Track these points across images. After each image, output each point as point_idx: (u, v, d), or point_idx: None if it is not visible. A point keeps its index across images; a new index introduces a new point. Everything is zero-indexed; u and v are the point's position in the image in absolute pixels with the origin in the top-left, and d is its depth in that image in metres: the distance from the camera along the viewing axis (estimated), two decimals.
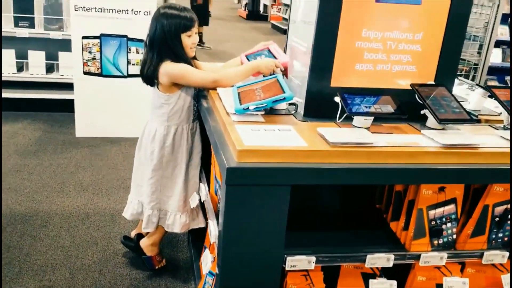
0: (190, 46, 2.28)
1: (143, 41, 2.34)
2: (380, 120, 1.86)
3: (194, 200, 2.38)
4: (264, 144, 1.57)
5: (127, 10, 4.26)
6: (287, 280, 1.85)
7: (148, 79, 2.30)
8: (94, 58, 4.36)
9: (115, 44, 4.34)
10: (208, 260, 2.02)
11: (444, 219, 1.86)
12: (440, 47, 1.95)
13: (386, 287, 1.91)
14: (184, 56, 2.26)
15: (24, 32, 4.67)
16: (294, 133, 1.71)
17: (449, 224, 1.87)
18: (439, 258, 1.85)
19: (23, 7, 4.68)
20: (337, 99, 1.80)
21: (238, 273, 1.67)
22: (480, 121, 2.08)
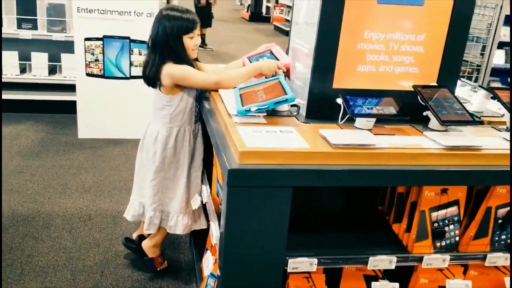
0: (192, 48, 2.28)
1: (146, 42, 2.34)
2: (382, 121, 1.85)
3: (196, 202, 2.38)
4: (265, 146, 1.57)
5: (130, 11, 4.27)
6: (289, 282, 1.84)
7: (150, 81, 2.30)
8: (96, 60, 4.36)
9: (118, 46, 4.35)
10: (209, 262, 2.02)
11: (446, 221, 1.85)
12: (443, 48, 1.94)
13: None
14: (186, 58, 2.26)
15: (27, 34, 4.68)
16: (296, 134, 1.70)
17: (451, 226, 1.86)
18: (442, 260, 1.84)
19: (26, 9, 4.70)
20: (339, 101, 1.80)
21: (240, 275, 1.67)
22: (482, 122, 2.08)
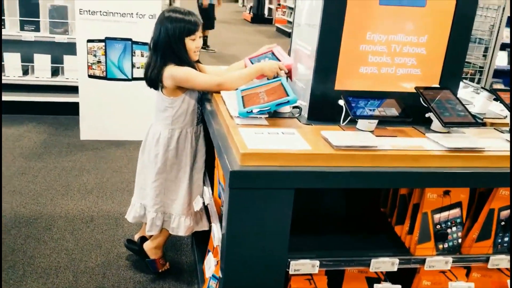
0: (194, 50, 2.28)
1: (148, 44, 2.34)
2: (385, 123, 1.85)
3: (197, 203, 2.38)
4: (267, 147, 1.57)
5: (132, 13, 4.27)
6: (291, 284, 1.84)
7: (152, 82, 2.30)
8: (99, 61, 4.37)
9: (120, 48, 4.35)
10: (211, 264, 2.02)
11: (449, 223, 1.85)
12: (445, 50, 1.94)
13: None
14: (187, 59, 2.26)
15: (29, 36, 4.69)
16: (297, 136, 1.70)
17: (454, 228, 1.86)
18: (444, 263, 1.83)
19: (28, 11, 4.70)
20: (341, 102, 1.80)
21: (242, 277, 1.66)
22: (485, 124, 2.07)
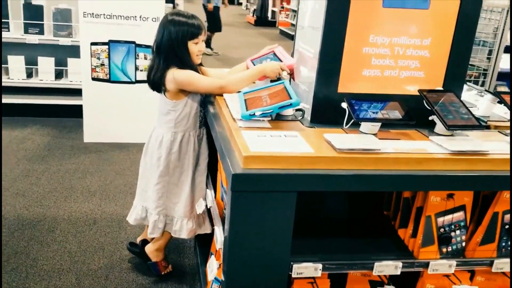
0: (197, 53, 2.28)
1: (151, 47, 2.35)
2: (388, 126, 1.84)
3: (200, 206, 2.38)
4: (270, 150, 1.56)
5: (135, 16, 4.28)
6: (293, 287, 1.83)
7: (155, 85, 2.30)
8: (102, 64, 4.38)
9: (123, 50, 4.36)
10: (214, 267, 2.01)
11: (453, 227, 1.84)
12: (449, 52, 1.93)
13: None
14: (190, 63, 2.26)
15: (33, 39, 4.71)
16: (300, 139, 1.70)
17: (458, 232, 1.85)
18: (448, 266, 1.82)
19: (33, 14, 4.72)
20: (344, 105, 1.79)
21: (244, 280, 1.66)
22: (489, 127, 2.06)
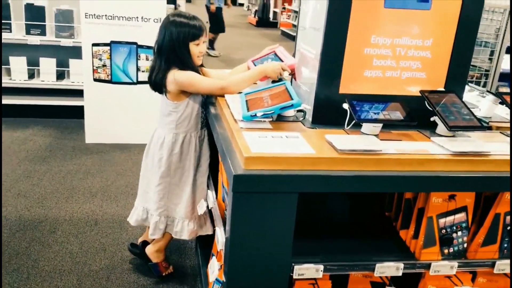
0: (198, 55, 2.28)
1: (152, 48, 2.35)
2: (389, 127, 1.84)
3: (201, 207, 2.38)
4: (271, 151, 1.56)
5: (137, 17, 4.29)
6: None
7: (157, 86, 2.30)
8: (104, 65, 4.38)
9: (125, 51, 4.37)
10: (215, 268, 2.01)
11: (454, 228, 1.83)
12: (450, 53, 1.93)
13: None
14: (191, 64, 2.26)
15: (35, 40, 4.72)
16: (301, 140, 1.69)
17: (459, 233, 1.84)
18: (450, 267, 1.82)
19: (34, 15, 4.73)
20: (345, 106, 1.79)
21: (245, 281, 1.65)
22: (491, 128, 2.06)
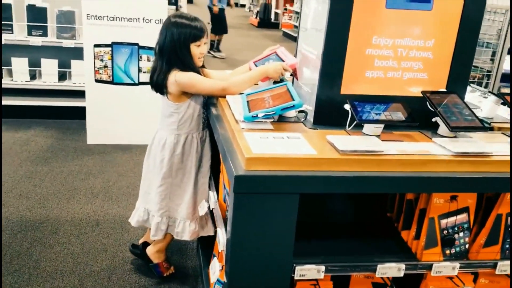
0: (199, 56, 2.28)
1: (154, 49, 2.35)
2: (391, 127, 1.84)
3: (203, 208, 2.37)
4: (272, 152, 1.56)
5: (139, 18, 4.29)
6: None
7: (158, 87, 2.30)
8: (105, 66, 4.39)
9: (127, 52, 4.37)
10: (216, 269, 2.01)
11: (456, 228, 1.83)
12: (452, 54, 1.93)
13: None
14: (192, 65, 2.25)
15: (37, 41, 4.72)
16: (303, 140, 1.69)
17: (461, 234, 1.84)
18: (451, 268, 1.81)
19: (36, 16, 4.74)
20: (347, 107, 1.79)
21: (246, 282, 1.65)
22: (493, 128, 2.05)
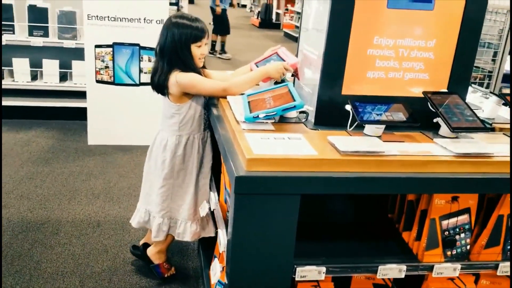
0: (199, 56, 2.28)
1: (155, 49, 2.34)
2: (392, 128, 1.84)
3: (204, 209, 2.37)
4: (273, 153, 1.56)
5: (140, 19, 4.29)
6: None
7: (159, 88, 2.30)
8: (106, 67, 4.39)
9: (128, 53, 4.37)
10: (217, 270, 2.01)
11: (457, 230, 1.83)
12: (454, 54, 1.92)
13: None
14: (193, 66, 2.25)
15: (38, 41, 4.73)
16: (304, 141, 1.69)
17: (462, 235, 1.83)
18: (453, 269, 1.81)
19: (37, 17, 4.74)
20: (348, 107, 1.78)
21: (247, 283, 1.65)
22: (494, 129, 2.05)
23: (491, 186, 1.70)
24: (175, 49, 2.21)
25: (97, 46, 4.32)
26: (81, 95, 4.69)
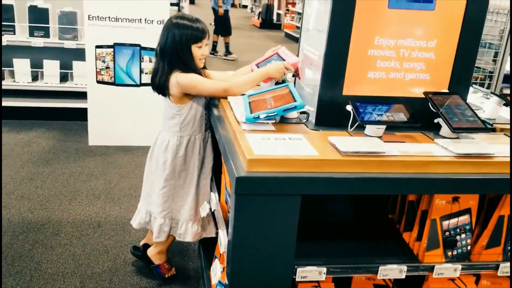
0: (200, 57, 2.27)
1: (155, 50, 2.35)
2: (393, 129, 1.83)
3: (204, 209, 2.37)
4: (274, 153, 1.56)
5: (140, 19, 4.29)
6: None
7: (160, 89, 2.29)
8: (107, 67, 4.39)
9: (128, 53, 4.37)
10: (217, 270, 2.01)
11: (458, 230, 1.82)
12: (454, 54, 1.92)
13: None
14: (193, 66, 2.25)
15: (39, 42, 4.73)
16: (305, 142, 1.69)
17: (463, 235, 1.83)
18: (453, 270, 1.81)
19: (38, 17, 4.75)
20: (349, 108, 1.78)
21: (248, 284, 1.65)
22: (495, 130, 2.05)
23: (492, 187, 1.70)
24: (176, 49, 2.21)
25: (97, 47, 4.33)
26: (82, 95, 4.70)
